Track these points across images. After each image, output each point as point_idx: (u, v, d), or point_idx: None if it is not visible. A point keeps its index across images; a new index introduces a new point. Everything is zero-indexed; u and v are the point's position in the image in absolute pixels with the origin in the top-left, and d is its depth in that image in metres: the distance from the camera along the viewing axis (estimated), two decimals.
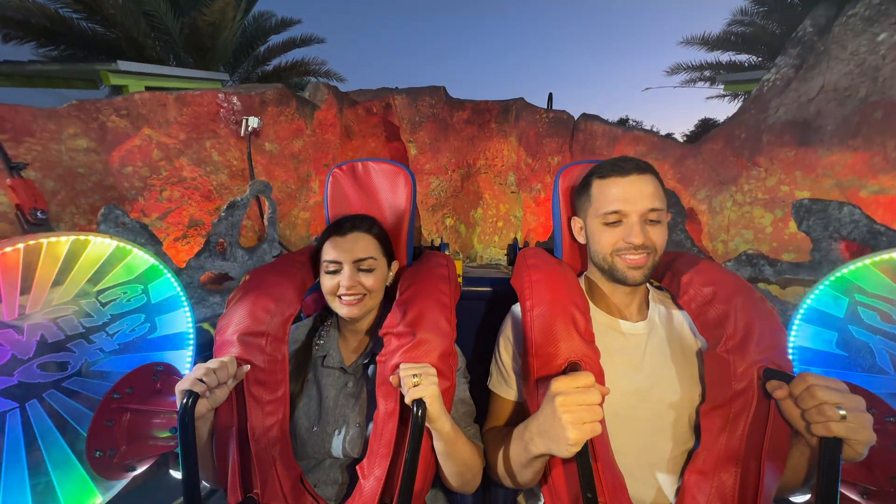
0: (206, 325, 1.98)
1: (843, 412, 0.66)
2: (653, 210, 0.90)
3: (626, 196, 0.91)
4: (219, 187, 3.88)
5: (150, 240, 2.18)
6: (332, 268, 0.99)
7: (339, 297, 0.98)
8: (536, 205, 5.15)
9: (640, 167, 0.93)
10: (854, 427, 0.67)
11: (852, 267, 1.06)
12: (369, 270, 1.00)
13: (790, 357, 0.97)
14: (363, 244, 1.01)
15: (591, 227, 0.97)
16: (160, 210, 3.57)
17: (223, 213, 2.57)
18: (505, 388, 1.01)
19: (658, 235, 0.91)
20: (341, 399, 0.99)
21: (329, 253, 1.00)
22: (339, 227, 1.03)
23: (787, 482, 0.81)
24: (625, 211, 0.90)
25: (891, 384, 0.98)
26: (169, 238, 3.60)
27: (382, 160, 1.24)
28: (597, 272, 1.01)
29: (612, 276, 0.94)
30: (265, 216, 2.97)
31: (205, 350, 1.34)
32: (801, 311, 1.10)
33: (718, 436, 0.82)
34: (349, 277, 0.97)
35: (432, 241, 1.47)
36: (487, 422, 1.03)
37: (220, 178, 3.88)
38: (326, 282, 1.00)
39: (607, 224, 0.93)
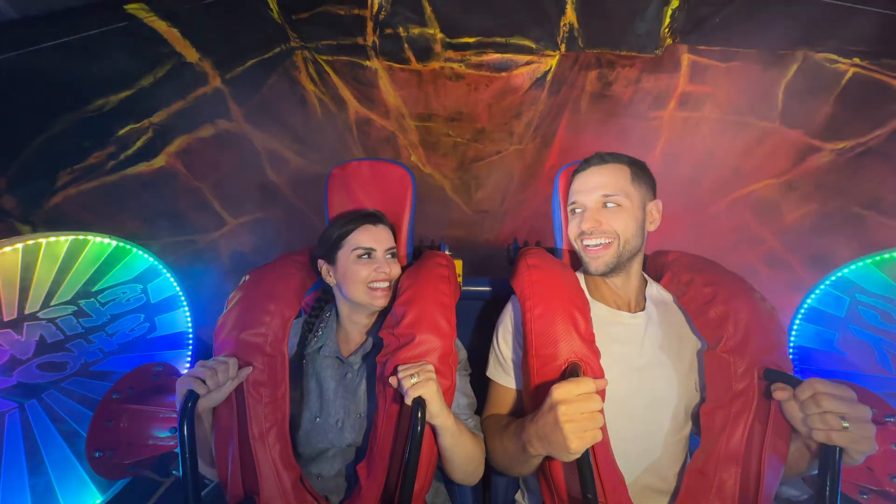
0: None
1: (846, 424, 0.67)
2: (606, 196, 0.95)
3: (583, 187, 0.99)
4: None
5: None
6: (365, 254, 1.01)
7: (370, 287, 0.99)
8: None
9: (602, 159, 0.99)
10: (855, 437, 0.67)
11: (853, 267, 1.06)
12: (395, 259, 1.06)
13: (790, 357, 0.97)
14: (389, 234, 1.06)
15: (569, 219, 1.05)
16: None
17: None
18: (504, 376, 1.01)
19: (617, 220, 0.94)
20: (341, 391, 1.00)
21: (363, 240, 1.01)
22: (369, 217, 1.05)
23: (789, 473, 0.82)
24: (580, 201, 0.99)
25: (891, 384, 0.98)
26: None
27: (383, 160, 1.24)
28: None
29: (583, 265, 1.01)
30: None
31: None
32: (802, 311, 1.10)
33: (719, 436, 0.82)
34: (384, 264, 1.01)
35: (432, 240, 1.46)
36: (487, 409, 1.03)
37: None
38: (359, 269, 0.99)
39: (573, 214, 1.02)
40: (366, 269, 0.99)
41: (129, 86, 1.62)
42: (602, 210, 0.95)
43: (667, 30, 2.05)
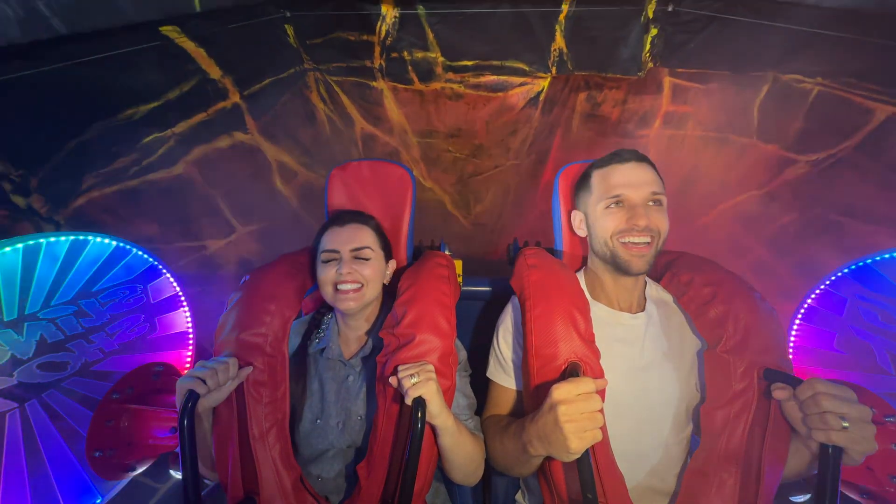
0: None
1: (845, 423, 0.67)
2: (655, 193, 0.92)
3: (628, 181, 0.93)
4: None
5: None
6: (330, 257, 1.00)
7: (338, 289, 0.97)
8: None
9: (639, 156, 0.96)
10: (855, 438, 0.67)
11: (853, 266, 1.06)
12: (366, 259, 1.01)
13: (790, 357, 0.97)
14: (361, 234, 1.03)
15: (593, 214, 0.98)
16: None
17: None
18: (504, 376, 1.01)
19: (661, 219, 0.92)
20: (342, 392, 1.00)
21: (327, 243, 1.01)
22: (338, 218, 1.05)
23: (788, 473, 0.82)
24: (627, 195, 0.93)
25: (891, 384, 0.98)
26: None
27: (383, 160, 1.24)
28: (598, 263, 1.01)
29: (615, 263, 0.94)
30: None
31: None
32: (801, 311, 1.10)
33: (719, 436, 0.82)
34: (347, 265, 0.98)
35: (432, 241, 1.46)
36: (487, 409, 1.03)
37: None
38: (324, 272, 0.99)
39: (609, 208, 0.94)
40: (330, 271, 0.98)
41: (157, 98, 1.76)
42: (650, 207, 0.92)
43: (648, 55, 2.29)
